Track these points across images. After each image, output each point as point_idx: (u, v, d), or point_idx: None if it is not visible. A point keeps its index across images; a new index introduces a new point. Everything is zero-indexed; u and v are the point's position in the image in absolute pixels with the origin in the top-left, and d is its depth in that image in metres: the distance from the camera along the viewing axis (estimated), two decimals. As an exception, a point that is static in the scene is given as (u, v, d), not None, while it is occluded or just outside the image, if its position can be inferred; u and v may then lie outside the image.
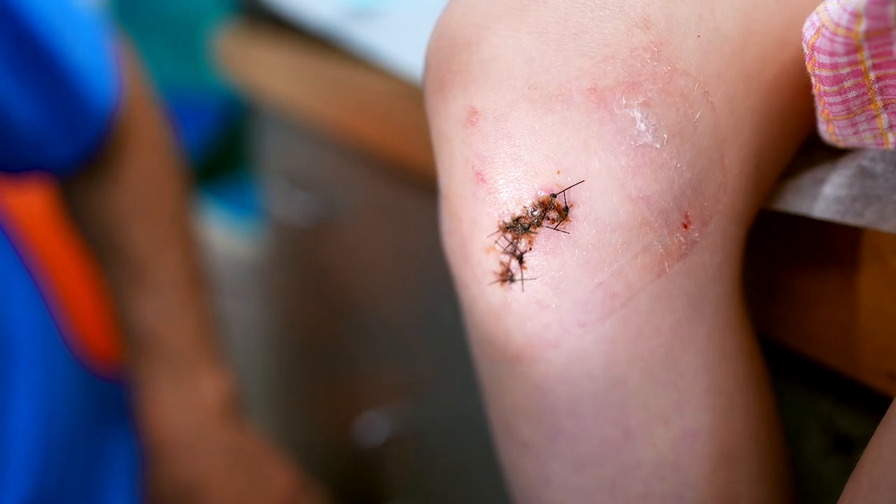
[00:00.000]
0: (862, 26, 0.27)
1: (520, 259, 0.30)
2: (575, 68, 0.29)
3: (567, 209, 0.29)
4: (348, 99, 0.70)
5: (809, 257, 0.35)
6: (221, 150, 1.28)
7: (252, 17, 0.99)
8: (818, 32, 0.28)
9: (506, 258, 0.30)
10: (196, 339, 0.68)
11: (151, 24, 1.21)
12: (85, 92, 0.62)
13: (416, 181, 0.65)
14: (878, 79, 0.29)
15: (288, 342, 1.12)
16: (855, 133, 0.31)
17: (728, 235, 0.31)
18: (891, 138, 0.31)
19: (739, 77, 0.31)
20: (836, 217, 0.32)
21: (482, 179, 0.30)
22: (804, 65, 0.31)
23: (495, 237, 0.30)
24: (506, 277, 0.31)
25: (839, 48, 0.28)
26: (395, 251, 0.75)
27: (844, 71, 0.29)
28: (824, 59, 0.29)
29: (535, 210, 0.30)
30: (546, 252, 0.30)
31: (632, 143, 0.29)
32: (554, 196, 0.29)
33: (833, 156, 0.35)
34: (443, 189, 0.33)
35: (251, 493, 0.68)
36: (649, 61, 0.29)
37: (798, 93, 0.33)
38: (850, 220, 0.32)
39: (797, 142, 0.35)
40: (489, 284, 0.31)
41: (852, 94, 0.29)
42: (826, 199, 0.33)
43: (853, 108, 0.30)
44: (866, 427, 0.36)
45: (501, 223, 0.30)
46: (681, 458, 0.32)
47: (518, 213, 0.30)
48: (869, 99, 0.30)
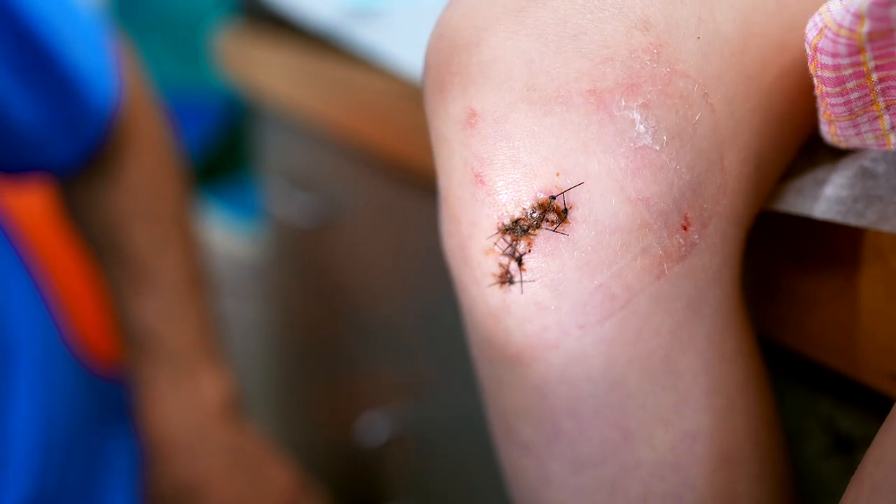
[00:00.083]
0: (865, 28, 0.27)
1: (519, 261, 0.30)
2: (574, 70, 0.29)
3: (566, 211, 0.29)
4: (348, 99, 0.70)
5: (811, 258, 0.35)
6: (222, 151, 1.28)
7: (252, 17, 0.99)
8: (821, 33, 0.28)
9: (505, 260, 0.30)
10: (196, 339, 0.68)
11: (151, 24, 1.21)
12: (85, 92, 0.62)
13: (416, 181, 0.65)
14: (881, 80, 0.29)
15: (288, 342, 1.12)
16: (857, 134, 0.31)
17: (727, 237, 0.31)
18: (892, 139, 0.30)
19: (739, 79, 0.30)
20: (838, 218, 0.32)
21: (481, 181, 0.30)
22: (804, 66, 0.31)
23: (494, 239, 0.30)
24: (505, 279, 0.31)
25: (842, 49, 0.28)
26: (395, 251, 0.75)
27: (847, 72, 0.29)
28: (827, 61, 0.29)
29: (535, 212, 0.29)
30: (545, 254, 0.30)
31: (631, 145, 0.29)
32: (553, 198, 0.29)
33: (834, 156, 0.35)
34: (442, 191, 0.33)
35: (251, 493, 0.68)
36: (649, 63, 0.29)
37: (798, 94, 0.33)
38: (852, 221, 0.32)
39: (797, 143, 0.35)
40: (488, 286, 0.31)
41: (854, 96, 0.29)
42: (827, 200, 0.33)
43: (855, 109, 0.30)
44: (867, 428, 0.36)
45: (500, 225, 0.30)
46: (680, 459, 0.32)
47: (517, 215, 0.30)
48: (871, 100, 0.29)
